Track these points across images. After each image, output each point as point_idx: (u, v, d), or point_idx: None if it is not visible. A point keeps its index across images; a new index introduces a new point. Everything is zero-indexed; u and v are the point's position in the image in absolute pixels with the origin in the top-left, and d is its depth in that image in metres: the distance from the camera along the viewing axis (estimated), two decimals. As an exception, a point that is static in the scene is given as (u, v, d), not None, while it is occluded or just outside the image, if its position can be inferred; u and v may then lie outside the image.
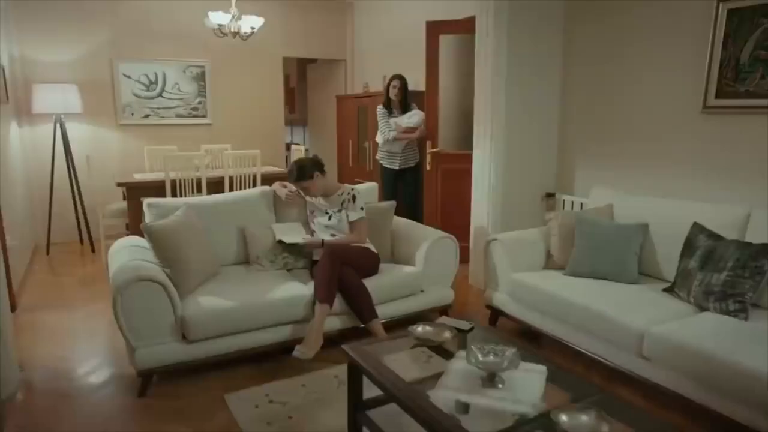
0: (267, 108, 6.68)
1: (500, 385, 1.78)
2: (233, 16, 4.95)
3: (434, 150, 4.86)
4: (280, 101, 6.84)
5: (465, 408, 1.69)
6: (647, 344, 2.43)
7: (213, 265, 3.10)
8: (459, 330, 2.24)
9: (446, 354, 2.06)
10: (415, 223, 3.73)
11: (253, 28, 5.06)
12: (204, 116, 6.26)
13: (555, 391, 1.84)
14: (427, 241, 3.35)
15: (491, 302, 3.40)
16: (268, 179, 4.89)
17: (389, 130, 4.98)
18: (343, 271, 2.98)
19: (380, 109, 5.03)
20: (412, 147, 5.07)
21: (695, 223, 2.84)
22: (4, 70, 4.53)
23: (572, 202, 4.03)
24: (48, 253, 5.19)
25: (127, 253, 2.95)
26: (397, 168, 5.08)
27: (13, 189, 4.43)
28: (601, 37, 3.82)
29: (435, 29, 4.77)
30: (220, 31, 4.97)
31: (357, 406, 2.10)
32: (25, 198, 5.12)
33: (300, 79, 8.84)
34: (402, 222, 3.72)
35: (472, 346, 1.85)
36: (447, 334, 2.10)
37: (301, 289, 2.97)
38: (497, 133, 3.93)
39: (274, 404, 2.53)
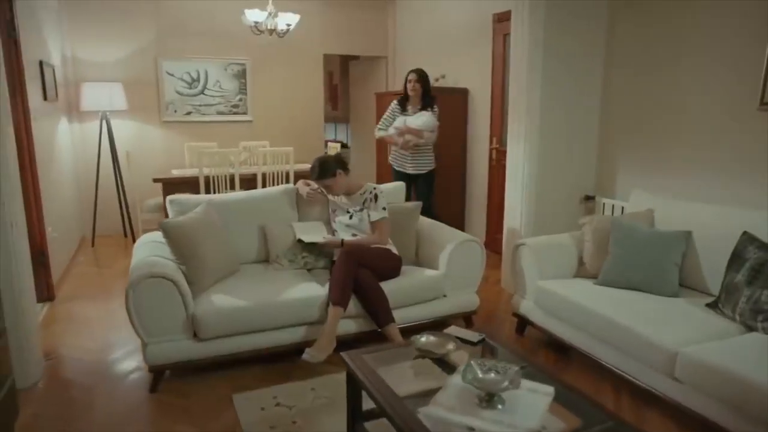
0: (306, 105, 6.68)
1: (499, 406, 1.64)
2: (270, 14, 4.96)
3: (495, 147, 4.91)
4: (320, 98, 6.83)
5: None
6: (680, 365, 2.21)
7: (231, 263, 3.09)
8: (466, 342, 2.11)
9: (449, 368, 1.94)
10: (440, 224, 3.59)
11: (289, 25, 5.05)
12: (244, 113, 6.34)
13: (561, 415, 1.68)
14: (450, 244, 3.21)
15: (518, 310, 3.23)
16: (301, 176, 4.86)
17: (378, 129, 4.57)
18: (359, 273, 2.90)
19: (393, 104, 4.59)
20: (424, 151, 4.54)
21: (745, 233, 2.57)
22: (54, 70, 4.74)
23: (612, 205, 3.77)
24: (93, 245, 5.39)
25: (148, 248, 2.99)
26: (409, 172, 4.56)
27: (59, 183, 4.62)
28: (646, 33, 3.54)
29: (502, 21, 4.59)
30: (256, 28, 4.99)
31: (355, 417, 2.01)
32: (74, 192, 5.35)
33: (343, 76, 8.82)
34: (427, 223, 3.59)
35: (472, 362, 1.72)
36: (450, 346, 1.97)
37: (317, 289, 2.91)
38: (531, 131, 3.73)
39: (281, 407, 2.48)
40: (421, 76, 4.40)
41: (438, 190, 5.48)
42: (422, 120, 4.37)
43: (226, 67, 6.13)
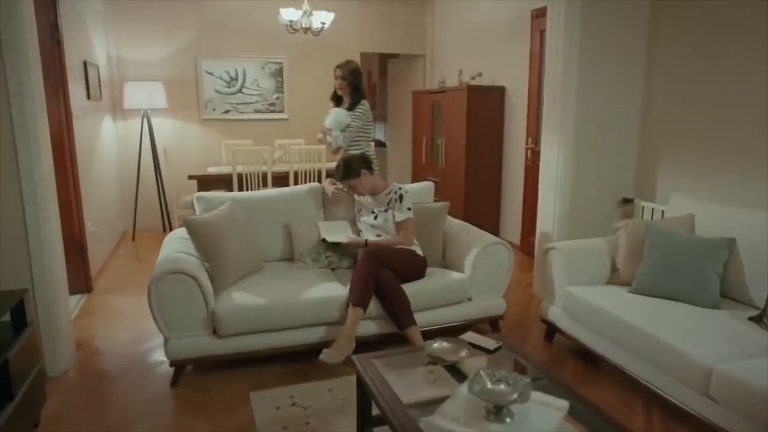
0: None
1: (508, 419, 1.56)
2: (305, 12, 4.98)
3: (531, 147, 4.80)
4: (357, 97, 6.81)
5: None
6: (715, 383, 2.05)
7: (255, 261, 3.11)
8: (482, 349, 2.03)
9: (461, 376, 1.87)
10: (468, 225, 3.50)
11: (323, 24, 5.06)
12: (281, 111, 6.40)
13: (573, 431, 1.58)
14: (477, 246, 3.12)
15: (547, 316, 3.11)
16: (332, 175, 4.86)
17: (320, 130, 4.00)
18: (380, 274, 2.85)
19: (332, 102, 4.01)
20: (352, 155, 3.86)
21: (794, 241, 2.37)
22: (99, 70, 4.91)
23: (652, 209, 3.58)
24: (133, 239, 5.57)
25: (175, 244, 3.04)
26: None
27: (101, 179, 4.79)
28: (693, 26, 3.34)
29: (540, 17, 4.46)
30: (291, 27, 5.02)
31: (365, 421, 1.97)
32: (117, 188, 5.54)
33: (381, 75, 8.79)
34: (455, 224, 3.51)
35: (482, 372, 1.64)
36: (463, 354, 1.90)
37: (338, 290, 2.88)
38: (566, 130, 3.58)
39: (296, 407, 2.47)
40: (347, 71, 3.78)
41: (472, 191, 5.38)
42: (330, 118, 3.80)
43: (264, 65, 6.21)
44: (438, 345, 1.95)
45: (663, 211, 3.43)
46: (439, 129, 5.91)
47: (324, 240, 3.22)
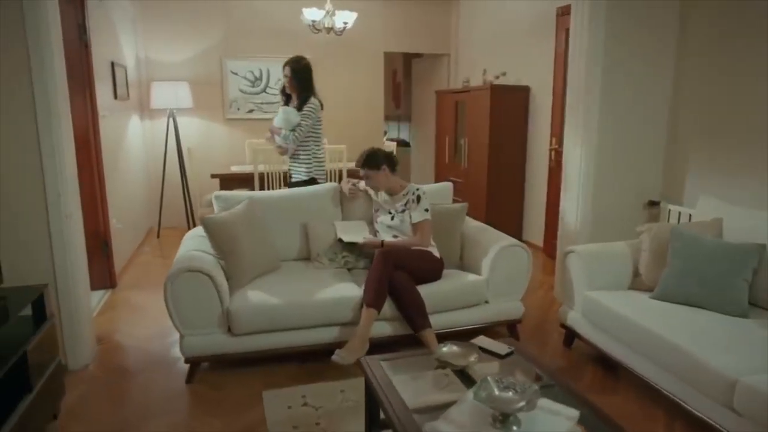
0: (366, 103, 6.69)
1: (515, 428, 1.52)
2: (327, 12, 4.98)
3: (554, 148, 4.73)
4: (380, 96, 6.81)
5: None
6: (739, 395, 1.97)
7: (271, 260, 3.12)
8: (493, 354, 1.99)
9: (470, 381, 1.83)
10: (486, 226, 3.44)
11: (346, 23, 5.06)
12: (305, 111, 6.42)
13: (584, 442, 1.53)
14: (494, 248, 3.06)
15: (566, 321, 3.04)
16: (355, 175, 4.86)
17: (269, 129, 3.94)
18: (395, 275, 2.83)
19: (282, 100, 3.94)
20: (298, 156, 3.84)
21: (828, 248, 2.26)
22: (126, 71, 5.02)
23: (679, 212, 3.46)
24: (158, 236, 5.68)
25: (193, 242, 3.08)
26: (291, 180, 3.97)
27: (126, 177, 4.89)
28: (723, 28, 3.22)
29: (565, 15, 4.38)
30: (314, 27, 5.03)
31: (372, 424, 1.95)
32: (143, 185, 5.65)
33: (406, 74, 8.76)
34: (473, 225, 3.46)
35: (489, 378, 1.60)
36: (472, 358, 1.86)
37: (352, 290, 2.87)
38: (589, 130, 3.50)
39: (308, 407, 2.47)
40: (294, 68, 3.69)
41: (495, 191, 5.31)
42: (278, 117, 3.68)
43: (288, 65, 6.24)
44: (447, 349, 1.92)
45: (690, 215, 3.32)
46: (463, 129, 5.86)
47: (341, 240, 3.21)
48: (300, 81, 3.67)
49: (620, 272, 2.91)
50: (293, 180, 3.93)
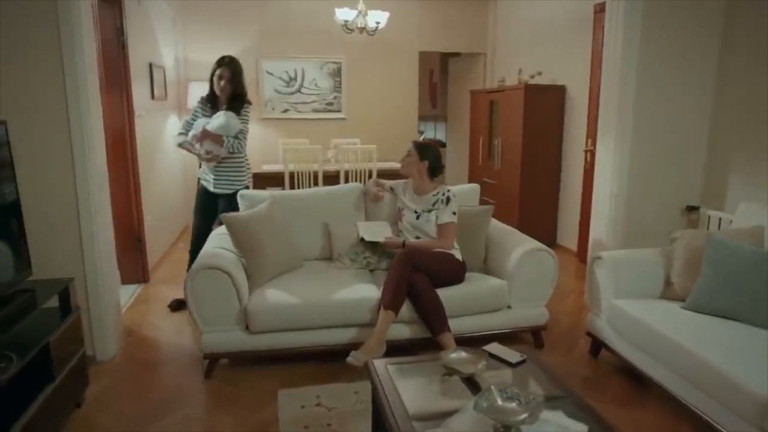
0: (401, 103, 6.66)
1: (516, 440, 1.46)
2: (359, 12, 4.99)
3: (590, 149, 4.59)
4: (414, 96, 6.77)
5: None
6: (770, 416, 1.83)
7: (293, 259, 3.14)
8: (504, 362, 1.93)
9: (477, 389, 1.77)
10: (512, 229, 3.35)
11: (378, 23, 5.05)
12: (338, 111, 6.47)
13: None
14: (518, 252, 2.98)
15: (592, 329, 2.92)
16: (384, 175, 4.85)
17: (178, 133, 3.59)
18: (413, 277, 2.79)
19: (197, 102, 3.59)
20: (231, 164, 3.52)
21: None
22: (165, 71, 5.17)
23: (719, 219, 3.28)
24: (194, 232, 5.82)
25: (218, 239, 3.13)
26: (210, 189, 3.58)
27: (162, 175, 5.03)
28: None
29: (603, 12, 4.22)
30: (346, 27, 5.05)
31: (378, 428, 1.92)
32: (180, 183, 5.81)
33: (443, 74, 8.68)
34: (500, 228, 3.38)
35: (493, 387, 1.55)
36: (480, 366, 1.80)
37: (371, 291, 2.85)
38: (623, 132, 3.35)
39: (321, 407, 2.46)
40: (234, 72, 3.42)
41: (528, 194, 5.18)
42: (219, 122, 3.34)
43: (322, 65, 6.30)
44: (456, 355, 1.87)
45: (731, 221, 3.13)
46: (497, 129, 5.74)
47: (363, 240, 3.20)
48: (238, 83, 3.42)
49: (651, 280, 2.77)
50: (218, 192, 3.55)
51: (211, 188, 3.56)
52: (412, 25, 6.42)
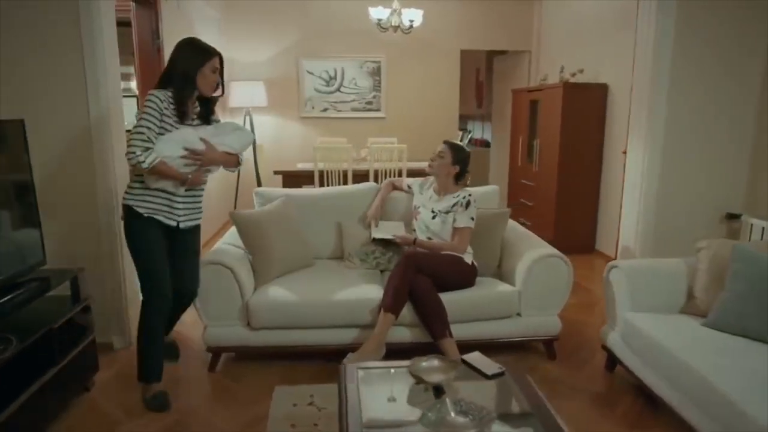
0: (441, 102, 6.57)
1: (464, 457, 1.39)
2: (393, 11, 4.95)
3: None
4: (455, 95, 6.65)
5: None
6: (779, 452, 1.64)
7: (303, 257, 3.15)
8: (480, 372, 1.84)
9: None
10: (529, 233, 3.21)
11: (412, 21, 4.99)
12: (378, 110, 6.46)
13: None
14: (529, 258, 2.85)
15: (606, 342, 2.75)
16: (415, 174, 4.79)
17: (141, 147, 2.23)
18: (416, 280, 2.73)
19: (159, 106, 2.30)
20: (199, 189, 2.56)
21: None
22: (207, 71, 5.35)
23: (763, 228, 2.99)
24: (232, 228, 6.00)
25: (231, 236, 3.19)
26: (176, 225, 2.46)
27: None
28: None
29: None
30: (380, 26, 5.03)
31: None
32: (221, 180, 5.99)
33: (488, 73, 8.48)
34: (517, 231, 3.25)
35: (447, 400, 1.48)
36: (449, 375, 1.73)
37: (374, 292, 2.81)
38: (654, 133, 3.14)
39: (312, 407, 2.46)
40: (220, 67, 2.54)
41: (566, 197, 4.96)
42: (241, 138, 2.60)
43: (362, 65, 6.31)
44: (426, 363, 1.81)
45: (774, 232, 2.85)
46: (536, 130, 5.54)
47: (374, 240, 3.17)
48: (221, 81, 2.59)
49: (672, 293, 2.57)
50: (190, 225, 2.54)
51: (174, 223, 2.45)
52: (451, 24, 6.31)
